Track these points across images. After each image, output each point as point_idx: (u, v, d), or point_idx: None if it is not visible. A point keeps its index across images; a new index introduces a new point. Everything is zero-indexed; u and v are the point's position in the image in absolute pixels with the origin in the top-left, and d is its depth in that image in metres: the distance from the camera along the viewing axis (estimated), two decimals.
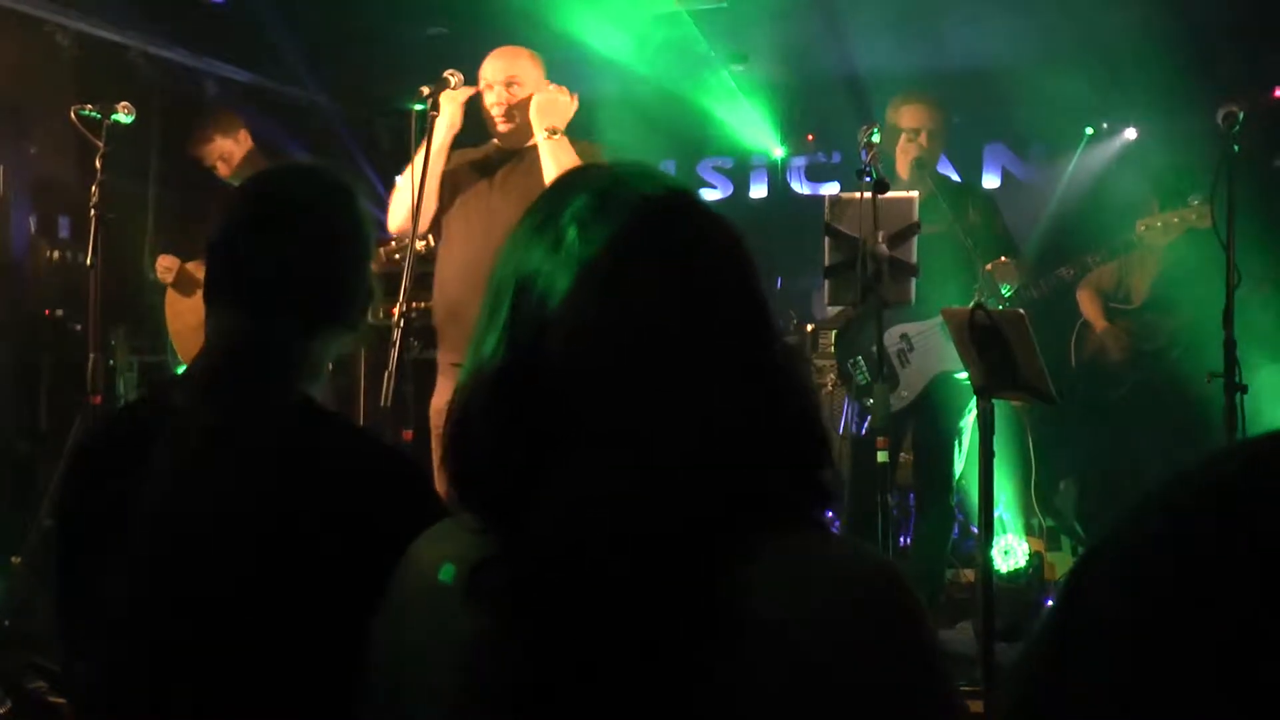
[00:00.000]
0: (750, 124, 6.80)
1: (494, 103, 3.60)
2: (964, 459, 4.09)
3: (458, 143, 3.69)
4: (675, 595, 0.87)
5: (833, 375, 4.71)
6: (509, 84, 3.60)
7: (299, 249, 1.49)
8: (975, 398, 3.73)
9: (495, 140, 3.69)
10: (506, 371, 0.96)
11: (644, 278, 0.94)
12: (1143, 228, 4.18)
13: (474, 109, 3.66)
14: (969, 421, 4.03)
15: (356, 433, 1.57)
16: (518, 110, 3.59)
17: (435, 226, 3.70)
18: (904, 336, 4.01)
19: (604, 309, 0.93)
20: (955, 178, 5.00)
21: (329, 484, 1.39)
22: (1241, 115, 3.19)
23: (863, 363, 4.11)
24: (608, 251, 0.94)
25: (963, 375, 3.94)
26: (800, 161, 7.17)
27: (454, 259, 3.54)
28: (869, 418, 4.16)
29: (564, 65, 5.63)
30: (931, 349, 4.01)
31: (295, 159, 5.03)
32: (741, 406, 0.93)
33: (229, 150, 4.85)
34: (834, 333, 4.38)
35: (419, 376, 3.96)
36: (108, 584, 1.41)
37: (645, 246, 0.95)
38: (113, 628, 1.40)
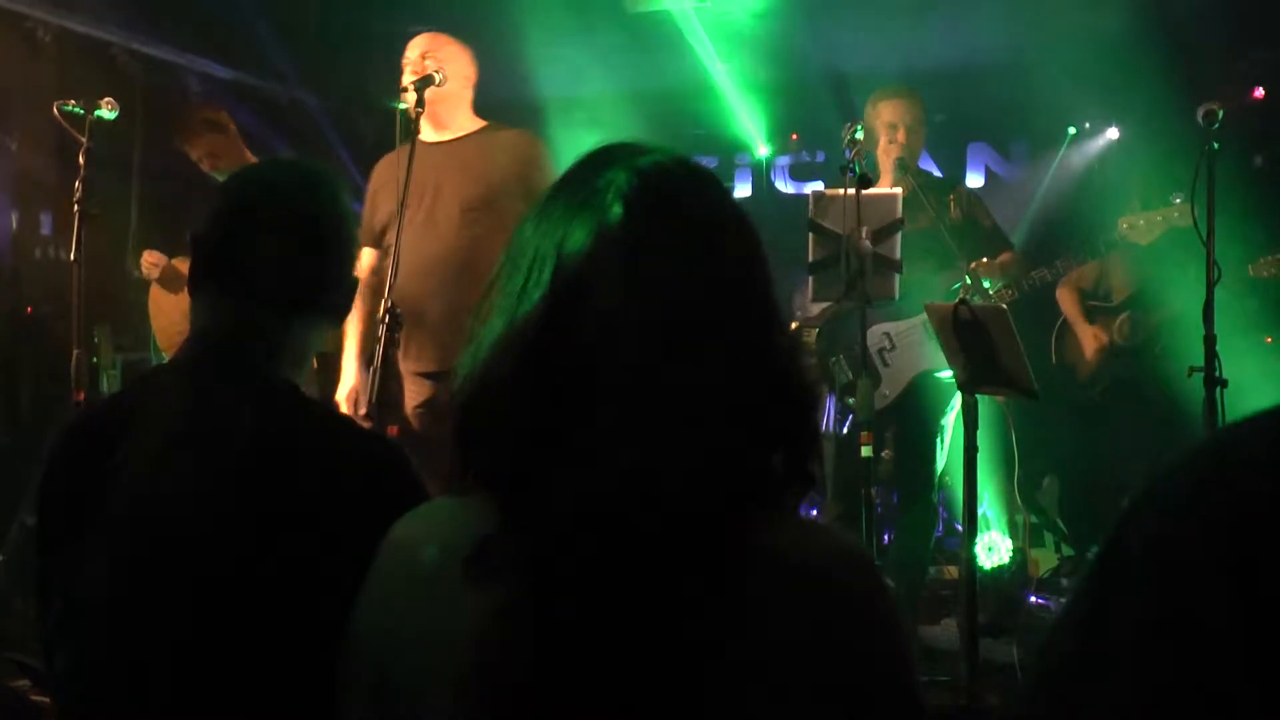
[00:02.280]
0: (734, 123, 6.81)
1: (408, 75, 3.58)
2: (945, 455, 4.11)
3: (379, 154, 3.73)
4: (686, 572, 0.91)
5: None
6: (424, 56, 3.61)
7: (280, 238, 1.51)
8: (957, 394, 3.76)
9: (419, 134, 3.61)
10: (542, 344, 0.96)
11: (681, 255, 0.97)
12: (1125, 225, 4.21)
13: None
14: (951, 418, 4.04)
15: (337, 418, 1.58)
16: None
17: (373, 238, 3.66)
18: (886, 335, 4.02)
19: (643, 285, 0.95)
20: (937, 174, 5.01)
21: (309, 468, 1.39)
22: (1222, 114, 3.21)
23: (844, 361, 4.12)
24: (648, 227, 0.97)
25: (944, 374, 3.95)
26: (784, 160, 7.19)
27: (403, 265, 3.38)
28: (850, 415, 4.18)
29: (546, 65, 5.66)
30: (913, 348, 4.02)
31: (280, 154, 5.02)
32: (756, 394, 0.97)
33: (216, 145, 4.81)
34: (816, 330, 4.39)
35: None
36: (87, 575, 1.39)
37: (682, 225, 0.99)
38: (92, 619, 1.39)
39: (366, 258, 3.72)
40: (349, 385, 3.61)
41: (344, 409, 3.55)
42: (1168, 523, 0.59)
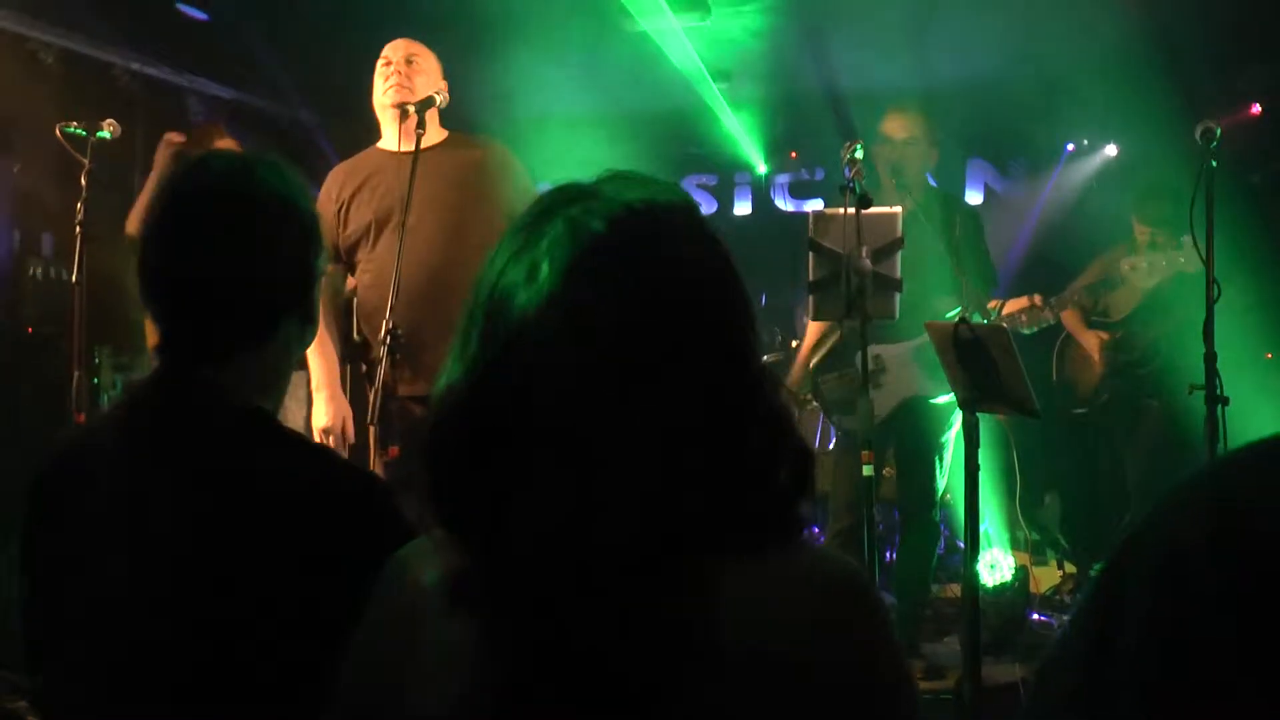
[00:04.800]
0: (734, 141, 6.83)
1: (390, 74, 3.45)
2: (946, 474, 4.10)
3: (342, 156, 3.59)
4: (641, 616, 0.89)
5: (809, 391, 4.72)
6: (409, 59, 3.48)
7: (221, 246, 1.37)
8: (957, 412, 3.75)
9: (379, 144, 3.53)
10: (478, 392, 0.96)
11: (610, 313, 0.94)
12: (1128, 267, 4.22)
13: None
14: (951, 436, 4.04)
15: (309, 447, 1.44)
16: (415, 85, 3.44)
17: (339, 254, 3.47)
18: (877, 358, 4.01)
19: (569, 339, 0.94)
20: (945, 192, 5.01)
21: (276, 502, 1.31)
22: (1220, 132, 3.22)
23: (835, 380, 4.12)
24: (575, 287, 0.94)
25: (936, 400, 3.95)
26: (784, 178, 7.22)
27: (377, 294, 3.29)
28: (837, 433, 4.17)
29: (547, 83, 5.68)
30: (904, 371, 4.01)
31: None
32: (710, 433, 0.94)
33: None
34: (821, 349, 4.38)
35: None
36: (66, 609, 1.37)
37: (615, 283, 0.95)
38: (70, 653, 1.37)
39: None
40: (330, 415, 3.39)
41: (328, 442, 3.35)
42: (1171, 559, 0.59)
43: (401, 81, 3.43)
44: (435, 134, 3.51)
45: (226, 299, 1.37)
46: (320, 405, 3.43)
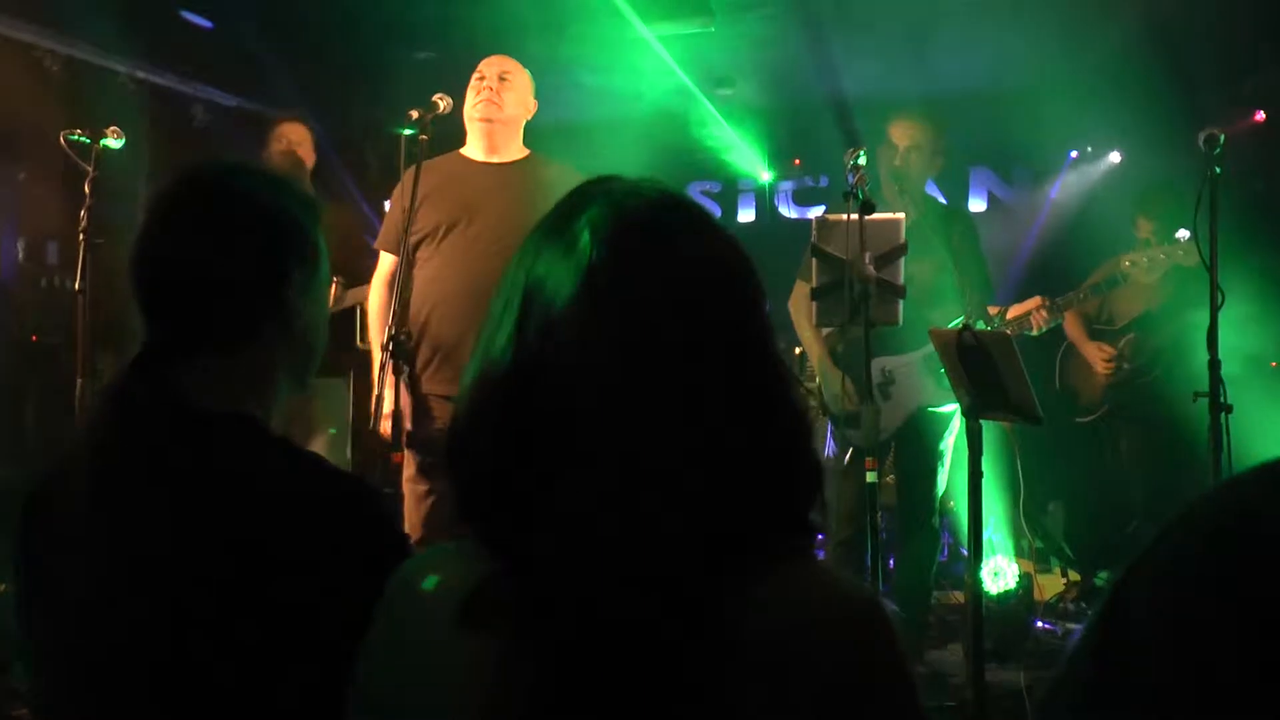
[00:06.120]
0: (737, 148, 6.84)
1: (482, 89, 3.57)
2: (946, 479, 4.10)
3: (384, 181, 3.67)
4: (668, 624, 0.88)
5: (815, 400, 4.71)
6: (501, 76, 3.60)
7: (186, 243, 1.36)
8: (956, 418, 3.74)
9: (462, 151, 3.60)
10: (512, 379, 0.95)
11: (647, 289, 0.94)
12: (1128, 263, 4.21)
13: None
14: (950, 442, 4.04)
15: (293, 453, 1.40)
16: (504, 101, 3.56)
17: (406, 249, 3.55)
18: (884, 370, 4.00)
19: (605, 316, 0.93)
20: (942, 200, 5.01)
21: (255, 505, 1.29)
22: (1223, 138, 3.22)
23: (843, 389, 4.10)
24: (615, 259, 0.94)
25: (943, 409, 3.95)
26: (787, 185, 7.22)
27: (433, 291, 3.40)
28: (848, 445, 4.17)
29: (551, 91, 5.68)
30: (912, 384, 4.01)
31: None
32: (735, 429, 0.93)
33: (283, 163, 4.63)
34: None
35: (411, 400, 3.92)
36: (54, 615, 1.36)
37: (652, 259, 0.95)
38: (58, 658, 1.36)
39: (387, 263, 3.62)
40: (388, 407, 3.41)
41: (384, 429, 3.41)
42: (1178, 583, 0.58)
43: (491, 98, 3.57)
44: (516, 151, 3.66)
45: (188, 297, 1.37)
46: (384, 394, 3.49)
